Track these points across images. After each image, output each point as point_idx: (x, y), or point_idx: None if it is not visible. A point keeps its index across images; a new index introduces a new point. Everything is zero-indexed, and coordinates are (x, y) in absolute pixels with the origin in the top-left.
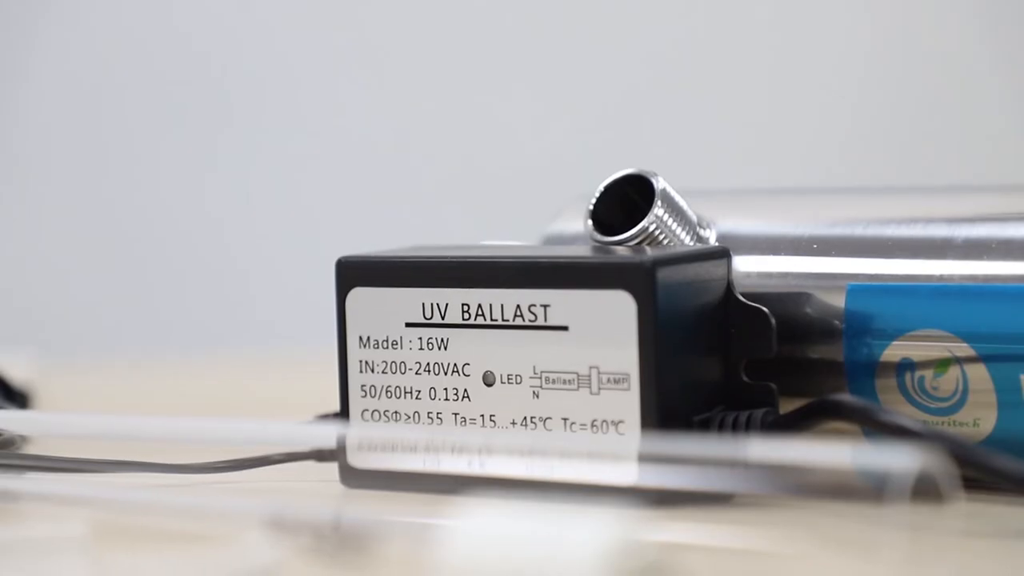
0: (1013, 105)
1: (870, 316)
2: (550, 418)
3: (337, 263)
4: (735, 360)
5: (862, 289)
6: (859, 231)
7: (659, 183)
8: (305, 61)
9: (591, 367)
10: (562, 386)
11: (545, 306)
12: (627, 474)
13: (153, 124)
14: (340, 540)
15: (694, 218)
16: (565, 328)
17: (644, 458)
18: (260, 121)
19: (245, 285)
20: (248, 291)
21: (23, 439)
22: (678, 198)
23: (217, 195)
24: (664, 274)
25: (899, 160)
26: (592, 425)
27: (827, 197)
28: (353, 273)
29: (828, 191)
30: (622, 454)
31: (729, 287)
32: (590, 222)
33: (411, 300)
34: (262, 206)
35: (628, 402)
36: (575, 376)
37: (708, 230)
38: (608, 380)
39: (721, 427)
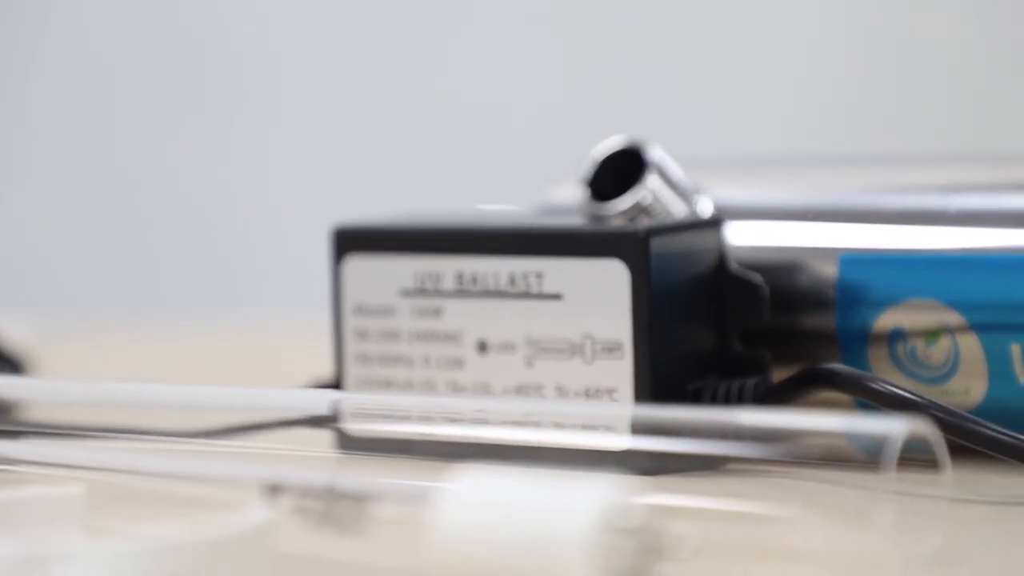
0: (1003, 73)
1: (863, 286)
2: (543, 386)
3: (333, 230)
4: (728, 329)
5: (855, 259)
6: (852, 201)
7: (654, 152)
8: (300, 30)
9: (584, 335)
10: (555, 354)
11: (539, 274)
12: (619, 442)
13: (159, 91)
14: (335, 505)
15: (689, 187)
16: (559, 297)
17: (636, 426)
18: (257, 91)
19: (240, 252)
20: (243, 258)
21: (15, 405)
22: (673, 167)
23: (214, 162)
24: (658, 243)
25: (890, 129)
26: (585, 393)
27: (821, 166)
28: (349, 240)
29: (822, 160)
30: (615, 422)
31: (722, 257)
32: (584, 190)
33: (406, 268)
34: (258, 172)
35: (621, 371)
36: (568, 344)
37: (702, 199)
38: (601, 348)
39: (714, 396)
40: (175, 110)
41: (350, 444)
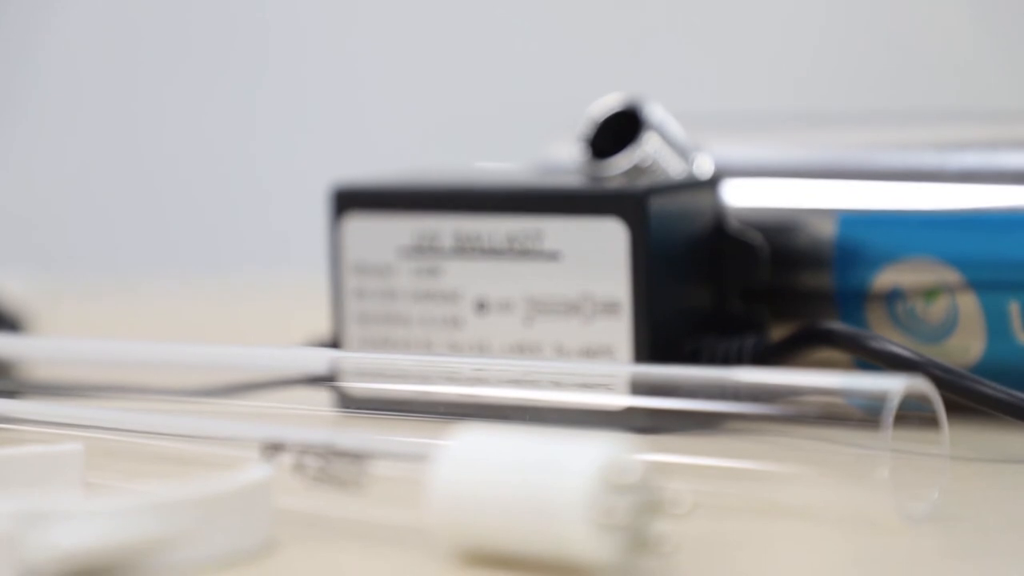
0: (1001, 30)
1: (861, 245)
2: (542, 345)
3: (332, 189)
4: (726, 288)
5: (854, 218)
6: (851, 160)
7: (652, 110)
8: None
9: (583, 295)
10: (554, 314)
11: (538, 234)
12: (618, 401)
13: (165, 52)
14: (334, 463)
15: (688, 145)
16: (557, 256)
17: (635, 385)
18: (258, 51)
19: (239, 210)
20: (242, 216)
21: (15, 364)
22: (671, 125)
23: (214, 121)
24: (656, 202)
25: (889, 88)
26: (584, 352)
27: (820, 125)
28: (348, 199)
29: (821, 119)
30: (613, 381)
31: (721, 216)
32: (584, 149)
33: (405, 227)
34: (258, 131)
35: (619, 330)
36: (567, 304)
37: (702, 157)
38: (600, 308)
39: (712, 355)
40: (179, 70)
41: (349, 403)
